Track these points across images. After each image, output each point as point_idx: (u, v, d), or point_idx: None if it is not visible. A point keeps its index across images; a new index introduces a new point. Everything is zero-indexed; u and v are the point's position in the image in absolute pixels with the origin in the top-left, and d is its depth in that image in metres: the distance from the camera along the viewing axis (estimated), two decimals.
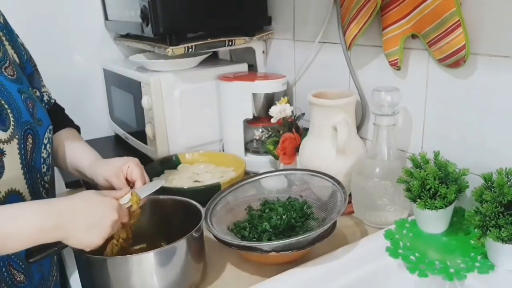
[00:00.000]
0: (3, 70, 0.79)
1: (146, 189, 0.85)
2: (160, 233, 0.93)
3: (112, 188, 0.86)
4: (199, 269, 0.85)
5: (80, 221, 0.69)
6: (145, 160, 1.34)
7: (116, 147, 1.64)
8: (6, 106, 0.75)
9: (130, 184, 0.87)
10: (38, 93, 0.94)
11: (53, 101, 0.99)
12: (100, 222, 0.70)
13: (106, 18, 1.64)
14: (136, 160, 0.89)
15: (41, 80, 0.97)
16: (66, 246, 0.71)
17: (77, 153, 0.94)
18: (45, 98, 0.96)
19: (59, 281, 0.92)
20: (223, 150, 1.42)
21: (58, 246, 0.70)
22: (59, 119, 0.95)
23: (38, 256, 0.70)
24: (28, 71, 0.90)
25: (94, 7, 1.64)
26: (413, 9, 0.94)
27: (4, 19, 0.87)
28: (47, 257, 0.71)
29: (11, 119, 0.75)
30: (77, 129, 1.01)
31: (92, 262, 0.77)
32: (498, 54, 0.84)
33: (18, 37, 0.90)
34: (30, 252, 0.69)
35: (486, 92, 0.88)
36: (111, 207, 0.72)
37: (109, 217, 0.71)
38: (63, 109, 1.03)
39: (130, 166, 0.87)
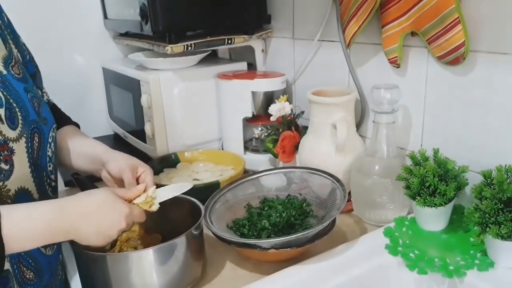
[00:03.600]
0: (10, 68, 0.79)
1: (169, 190, 0.86)
2: (160, 231, 0.93)
3: (119, 184, 0.87)
4: (198, 267, 0.84)
5: (88, 228, 0.70)
6: (144, 158, 1.34)
7: (115, 146, 1.63)
8: (15, 105, 0.75)
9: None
10: (40, 93, 0.94)
11: (52, 102, 0.99)
12: (107, 231, 0.72)
13: (105, 16, 1.64)
14: (151, 170, 0.91)
15: (42, 81, 0.97)
16: None
17: (87, 143, 0.95)
18: (45, 98, 0.96)
19: (64, 280, 0.92)
20: (223, 149, 1.42)
21: None
22: (59, 117, 0.95)
23: None
24: (30, 71, 0.90)
25: (93, 5, 1.64)
26: (413, 6, 0.94)
27: (7, 19, 0.87)
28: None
29: (19, 117, 0.75)
30: (77, 126, 1.01)
31: (91, 259, 0.77)
32: (497, 51, 0.84)
33: (19, 37, 0.90)
34: None
35: (486, 89, 0.88)
36: (121, 216, 0.73)
37: (116, 227, 0.73)
38: (60, 109, 1.03)
39: (146, 171, 0.89)
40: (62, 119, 0.97)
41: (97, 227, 0.71)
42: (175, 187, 0.87)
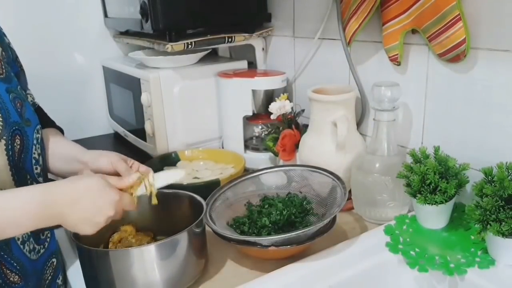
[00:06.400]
0: None
1: (163, 178, 0.84)
2: (163, 228, 0.93)
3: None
4: (200, 263, 0.85)
5: (76, 212, 0.69)
6: (144, 157, 1.34)
7: (115, 145, 1.64)
8: None
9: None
10: (24, 94, 0.92)
11: (37, 104, 0.96)
12: (95, 217, 0.70)
13: (105, 15, 1.64)
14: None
15: (26, 81, 0.95)
16: None
17: (64, 144, 0.92)
18: (29, 99, 0.94)
19: (61, 284, 0.92)
20: (223, 147, 1.42)
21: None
22: (42, 120, 0.92)
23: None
24: (14, 71, 0.87)
25: (94, 4, 1.64)
26: (413, 4, 0.94)
27: None
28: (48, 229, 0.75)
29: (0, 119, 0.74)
30: (61, 131, 0.99)
31: (94, 255, 0.78)
32: (498, 48, 0.84)
33: (5, 35, 0.87)
34: None
35: (486, 87, 0.88)
36: (110, 202, 0.71)
37: (105, 213, 0.71)
38: (45, 113, 1.01)
39: (136, 163, 0.87)
40: (45, 122, 0.94)
41: (84, 213, 0.69)
42: (168, 174, 0.87)
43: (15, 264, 0.77)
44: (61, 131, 0.99)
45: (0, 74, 0.78)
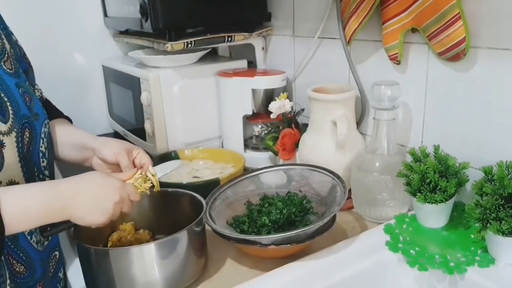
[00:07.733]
0: (1, 63, 0.79)
1: (161, 168, 0.89)
2: (162, 227, 0.93)
3: (113, 169, 0.87)
4: (200, 262, 0.84)
5: (82, 202, 0.70)
6: None
7: None
8: (6, 99, 0.75)
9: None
10: (32, 89, 0.93)
11: (44, 97, 0.99)
12: (101, 203, 0.72)
13: (105, 14, 1.64)
14: (145, 152, 0.92)
15: (34, 77, 0.97)
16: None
17: (74, 133, 0.95)
18: (37, 94, 0.96)
19: (62, 278, 0.92)
20: (223, 147, 1.42)
21: (70, 223, 0.73)
22: (51, 111, 0.95)
23: (52, 230, 0.74)
24: (22, 67, 0.90)
25: (93, 4, 1.64)
26: (413, 3, 0.94)
27: (0, 15, 0.87)
28: (60, 231, 0.76)
29: (10, 112, 0.75)
30: (69, 120, 1.01)
31: (94, 253, 0.78)
32: (498, 47, 0.84)
33: (12, 34, 0.90)
34: (44, 226, 0.73)
35: (486, 86, 0.88)
36: (113, 188, 0.74)
37: (111, 198, 0.73)
38: (52, 104, 1.02)
39: (141, 152, 0.90)
40: (53, 113, 0.97)
41: (91, 200, 0.71)
42: (165, 166, 0.91)
43: (21, 255, 0.78)
44: (70, 120, 1.01)
45: (10, 69, 0.81)
